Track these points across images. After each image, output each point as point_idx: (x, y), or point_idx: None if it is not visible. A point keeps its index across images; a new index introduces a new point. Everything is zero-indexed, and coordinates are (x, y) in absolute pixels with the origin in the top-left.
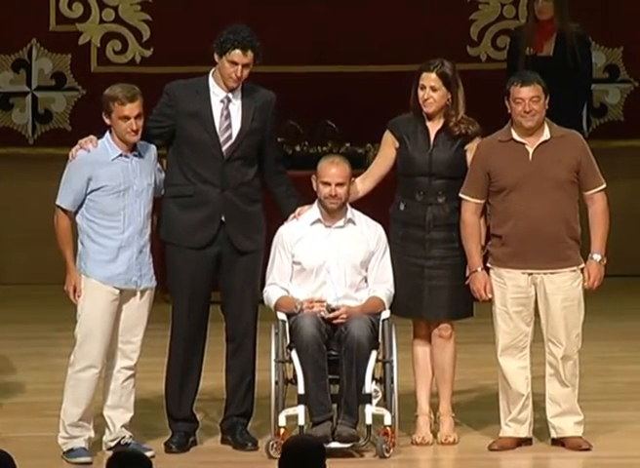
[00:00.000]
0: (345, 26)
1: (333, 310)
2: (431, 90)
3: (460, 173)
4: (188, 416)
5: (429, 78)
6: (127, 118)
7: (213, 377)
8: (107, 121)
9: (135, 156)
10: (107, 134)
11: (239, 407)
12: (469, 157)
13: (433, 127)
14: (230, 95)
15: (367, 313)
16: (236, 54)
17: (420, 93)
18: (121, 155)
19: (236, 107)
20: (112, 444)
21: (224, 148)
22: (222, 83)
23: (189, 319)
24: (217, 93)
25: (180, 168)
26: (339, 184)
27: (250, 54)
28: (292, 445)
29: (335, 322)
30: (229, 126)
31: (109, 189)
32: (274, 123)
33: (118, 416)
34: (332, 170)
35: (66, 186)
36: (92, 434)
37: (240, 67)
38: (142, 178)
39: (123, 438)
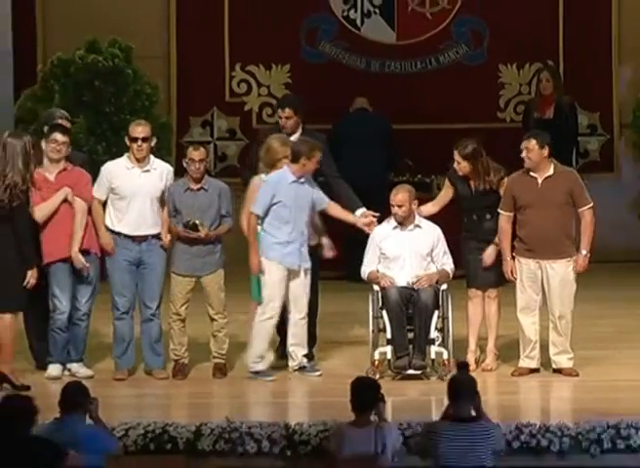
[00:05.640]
0: (418, 97)
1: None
2: (457, 162)
3: (496, 204)
4: None
5: (455, 154)
6: (319, 165)
7: None
8: (304, 161)
9: (301, 183)
10: (285, 165)
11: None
12: (502, 192)
13: (470, 182)
14: (293, 138)
15: (440, 278)
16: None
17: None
18: (294, 181)
19: None
20: (296, 367)
21: None
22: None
23: None
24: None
25: None
26: (399, 206)
27: (286, 110)
28: (355, 382)
29: (417, 286)
30: None
31: (284, 203)
32: (326, 155)
33: (299, 350)
34: (395, 195)
35: (261, 199)
36: (271, 357)
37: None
38: (305, 197)
39: (302, 363)
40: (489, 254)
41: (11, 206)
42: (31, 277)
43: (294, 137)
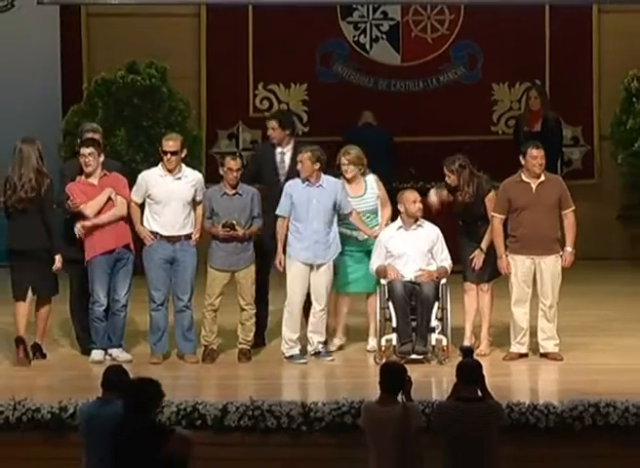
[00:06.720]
0: (420, 113)
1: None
2: (447, 176)
3: (485, 213)
4: None
5: (445, 168)
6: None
7: None
8: (316, 166)
9: (317, 186)
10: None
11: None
12: (488, 204)
13: (457, 193)
14: (285, 149)
15: (439, 274)
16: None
17: None
18: (308, 185)
19: (287, 157)
20: (313, 352)
21: (281, 181)
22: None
23: None
24: (278, 148)
25: None
26: (414, 202)
27: (271, 122)
28: (385, 366)
29: (419, 280)
30: (283, 167)
31: (298, 204)
32: None
33: (316, 337)
34: (411, 193)
35: (283, 202)
36: (299, 346)
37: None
38: (322, 201)
39: (317, 348)
40: (477, 259)
41: (36, 195)
42: (58, 261)
43: (285, 149)
